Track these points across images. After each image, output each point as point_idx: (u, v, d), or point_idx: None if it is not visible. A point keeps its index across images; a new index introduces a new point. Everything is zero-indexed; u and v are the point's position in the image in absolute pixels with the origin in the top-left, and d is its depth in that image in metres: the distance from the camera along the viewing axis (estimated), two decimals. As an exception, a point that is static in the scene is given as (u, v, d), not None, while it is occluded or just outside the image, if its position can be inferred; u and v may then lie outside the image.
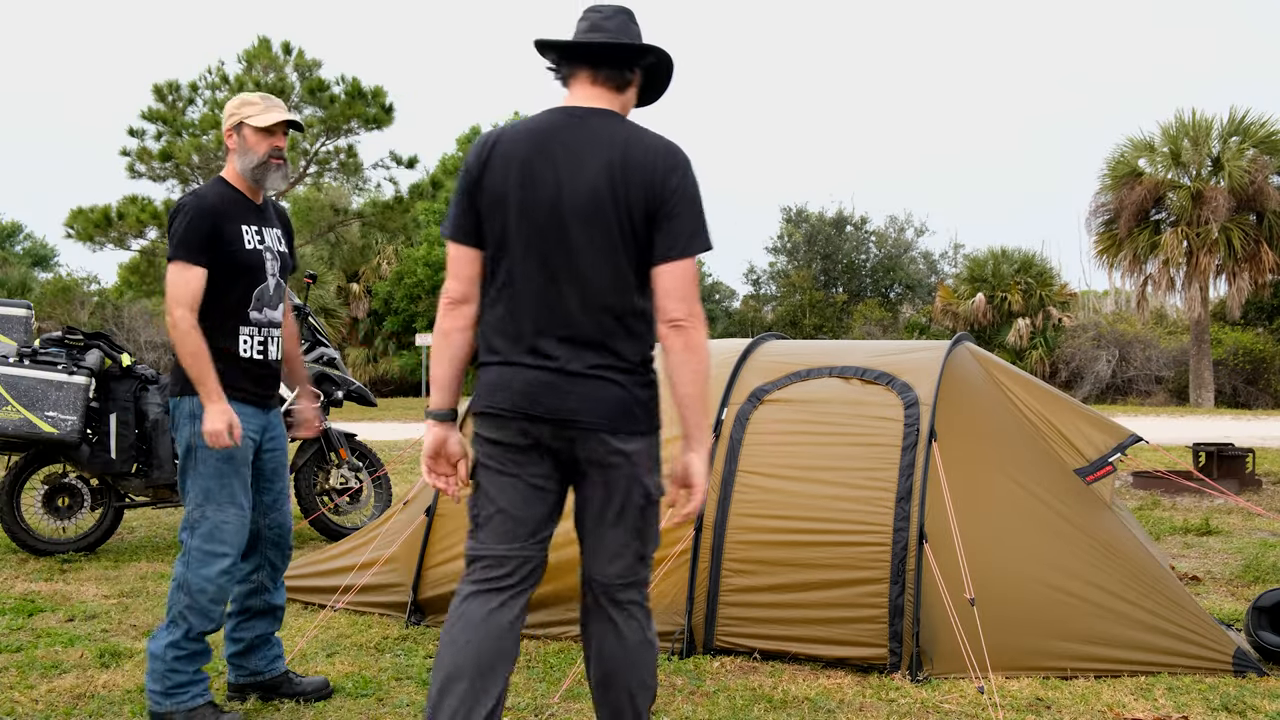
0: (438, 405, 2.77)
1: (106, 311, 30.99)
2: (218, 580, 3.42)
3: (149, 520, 7.87)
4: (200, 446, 3.40)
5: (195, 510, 3.42)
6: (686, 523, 4.30)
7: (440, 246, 31.99)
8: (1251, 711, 3.58)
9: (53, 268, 43.74)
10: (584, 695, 3.74)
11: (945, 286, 31.01)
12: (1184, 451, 11.42)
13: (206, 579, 3.40)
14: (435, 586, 4.70)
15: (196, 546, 3.41)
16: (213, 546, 3.41)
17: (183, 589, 3.41)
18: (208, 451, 3.39)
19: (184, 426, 3.44)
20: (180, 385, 3.45)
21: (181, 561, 3.44)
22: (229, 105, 3.60)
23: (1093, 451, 4.69)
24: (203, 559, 3.40)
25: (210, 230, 3.43)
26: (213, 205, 3.47)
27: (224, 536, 3.42)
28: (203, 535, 3.41)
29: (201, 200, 3.48)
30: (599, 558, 2.79)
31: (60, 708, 3.65)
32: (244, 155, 3.55)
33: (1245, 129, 24.16)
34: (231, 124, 3.55)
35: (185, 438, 3.43)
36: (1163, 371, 28.12)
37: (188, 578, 3.40)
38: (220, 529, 3.41)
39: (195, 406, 3.40)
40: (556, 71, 2.78)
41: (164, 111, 23.78)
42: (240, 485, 3.46)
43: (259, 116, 3.54)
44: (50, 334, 6.42)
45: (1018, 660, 3.90)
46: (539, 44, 2.77)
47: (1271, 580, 5.61)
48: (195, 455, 3.42)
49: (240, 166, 3.56)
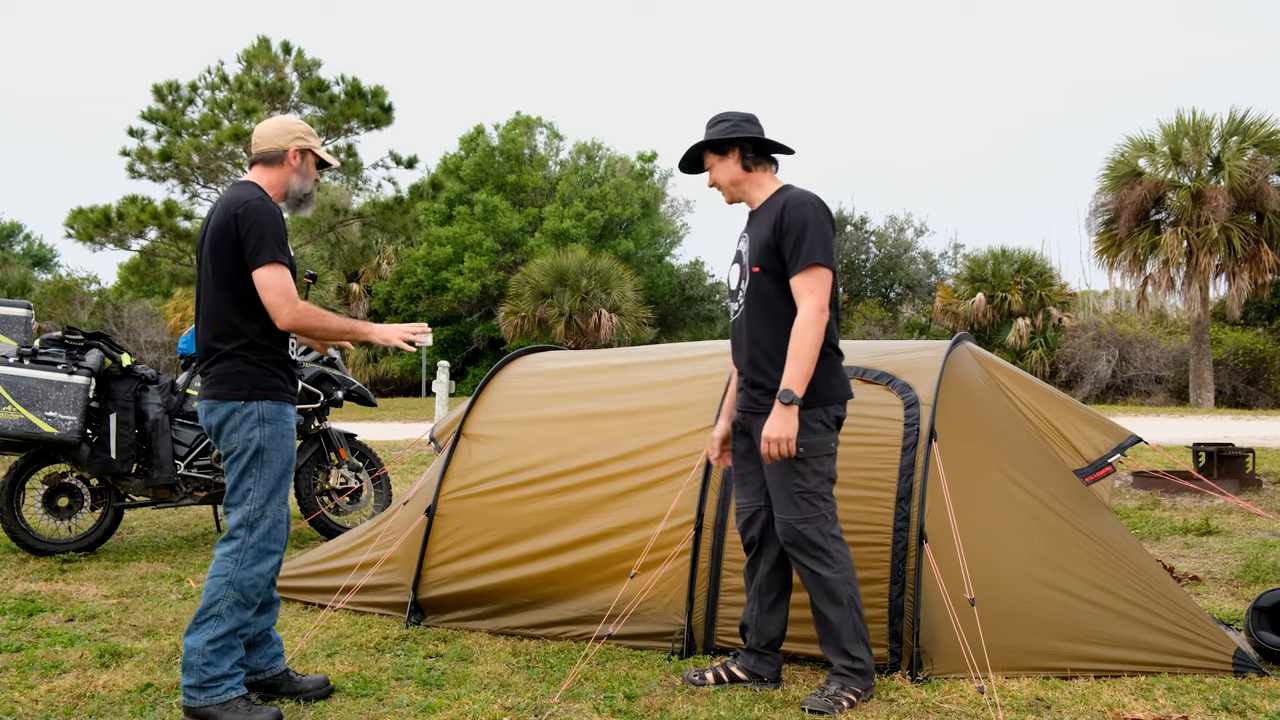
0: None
1: (106, 311, 31.02)
2: (268, 576, 3.57)
3: (149, 520, 7.87)
4: (270, 450, 3.55)
5: (257, 510, 3.54)
6: (686, 523, 4.32)
7: (440, 246, 32.02)
8: (1251, 711, 3.58)
9: (53, 268, 43.75)
10: (584, 695, 3.74)
11: (945, 286, 31.00)
12: (1184, 452, 11.42)
13: (260, 575, 3.54)
14: (435, 587, 4.70)
15: (254, 544, 3.53)
16: (268, 544, 3.56)
17: (232, 585, 3.49)
18: (277, 455, 3.56)
19: (253, 429, 3.54)
20: (248, 390, 3.55)
21: (233, 559, 3.52)
22: (295, 125, 3.74)
23: (1092, 452, 4.69)
24: (257, 556, 3.54)
25: (284, 233, 3.60)
26: (278, 211, 3.65)
27: (279, 534, 3.59)
28: (262, 533, 3.55)
29: (272, 205, 3.61)
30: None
31: (60, 708, 3.65)
32: (303, 179, 3.77)
33: (1245, 129, 24.14)
34: (300, 146, 3.72)
35: (256, 440, 3.54)
36: (1163, 371, 28.12)
37: (240, 575, 3.50)
38: (277, 527, 3.58)
39: (266, 411, 3.55)
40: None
41: (164, 111, 23.78)
42: (289, 485, 3.64)
43: (323, 151, 3.81)
44: (50, 334, 6.42)
45: (1018, 660, 3.90)
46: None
47: (1271, 580, 5.60)
48: (264, 457, 3.55)
49: (295, 186, 3.75)
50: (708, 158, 3.91)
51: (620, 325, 27.54)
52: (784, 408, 3.56)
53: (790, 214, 3.69)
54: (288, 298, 3.50)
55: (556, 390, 5.14)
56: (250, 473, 3.55)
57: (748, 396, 3.82)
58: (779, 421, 3.56)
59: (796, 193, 3.77)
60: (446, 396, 16.49)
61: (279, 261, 3.50)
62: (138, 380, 6.44)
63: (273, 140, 3.70)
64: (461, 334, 33.46)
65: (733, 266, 3.96)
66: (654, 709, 3.62)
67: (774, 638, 3.87)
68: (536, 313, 27.73)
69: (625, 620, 4.22)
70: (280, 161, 3.69)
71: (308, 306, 3.54)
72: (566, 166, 35.44)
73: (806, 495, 3.66)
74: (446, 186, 31.77)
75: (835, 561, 3.67)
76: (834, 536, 3.70)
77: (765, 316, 3.75)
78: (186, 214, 23.76)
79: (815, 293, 3.62)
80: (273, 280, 3.48)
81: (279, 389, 3.58)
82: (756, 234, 3.81)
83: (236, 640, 3.52)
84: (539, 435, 4.87)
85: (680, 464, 4.46)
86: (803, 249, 3.64)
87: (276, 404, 3.57)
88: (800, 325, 3.59)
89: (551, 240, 31.95)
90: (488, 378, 5.35)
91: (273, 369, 3.58)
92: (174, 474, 6.46)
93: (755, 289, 3.77)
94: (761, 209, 3.85)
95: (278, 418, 3.56)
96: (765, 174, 3.88)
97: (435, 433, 5.53)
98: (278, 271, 3.49)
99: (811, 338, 3.58)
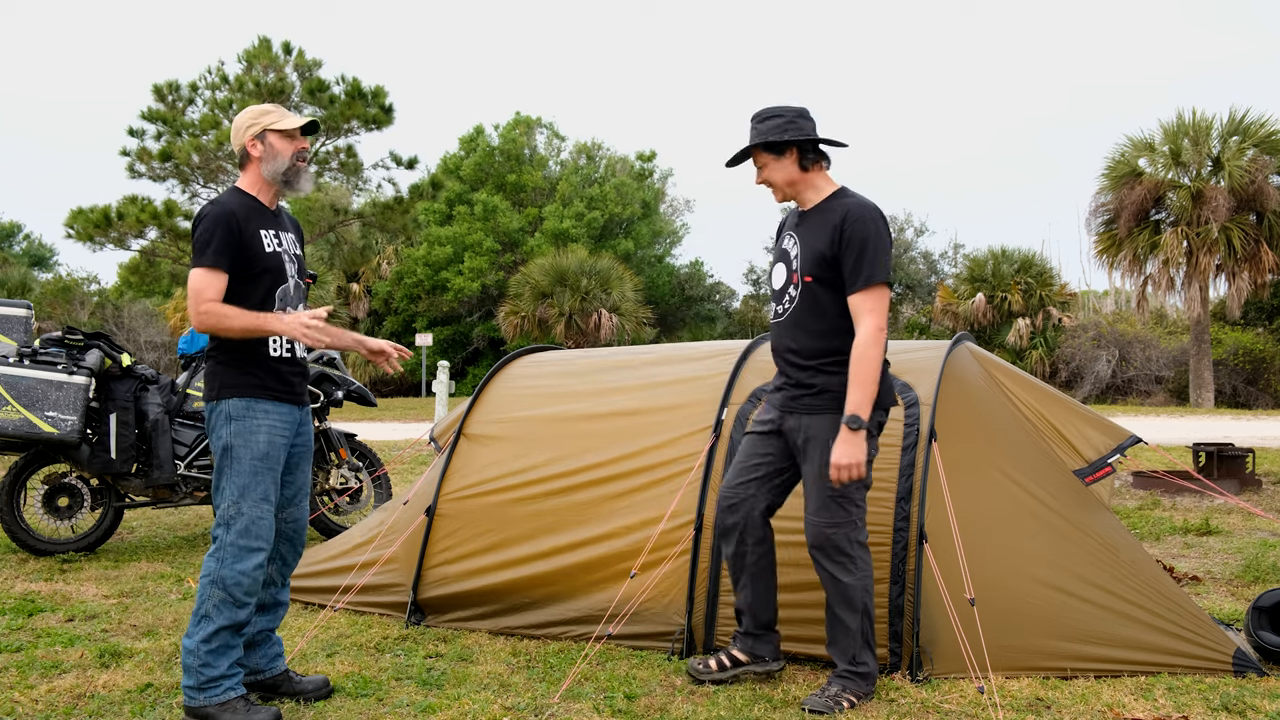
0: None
1: (106, 311, 31.02)
2: (253, 574, 3.52)
3: (149, 520, 7.87)
4: (237, 446, 3.53)
5: (231, 507, 3.53)
6: (686, 523, 4.32)
7: (440, 246, 32.02)
8: (1251, 711, 3.58)
9: (52, 268, 43.74)
10: (584, 695, 3.74)
11: (945, 286, 31.00)
12: (1184, 452, 11.42)
13: (242, 573, 3.50)
14: (435, 586, 4.70)
15: (232, 541, 3.51)
16: (248, 541, 3.52)
17: (216, 584, 3.49)
18: (244, 450, 3.53)
19: (222, 427, 3.56)
20: (217, 389, 3.58)
21: (215, 558, 3.52)
22: (246, 117, 3.71)
23: (1092, 452, 4.69)
24: (238, 554, 3.51)
25: (230, 235, 3.54)
26: (233, 211, 3.58)
27: (259, 531, 3.54)
28: (238, 531, 3.52)
29: (222, 208, 3.59)
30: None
31: (60, 708, 3.65)
32: (272, 161, 3.67)
33: (1245, 129, 24.13)
34: (254, 133, 3.67)
35: (224, 438, 3.55)
36: (1163, 371, 28.11)
37: (222, 573, 3.49)
38: (255, 524, 3.53)
39: (233, 409, 3.55)
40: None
41: (164, 111, 23.79)
42: (271, 482, 3.59)
43: (282, 121, 3.68)
44: (50, 334, 6.42)
45: (1018, 660, 3.90)
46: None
47: (1271, 580, 5.60)
48: (232, 454, 3.54)
49: (268, 172, 3.68)
50: (759, 156, 3.80)
51: (620, 325, 27.54)
52: (852, 433, 3.56)
53: (852, 227, 3.63)
54: (196, 299, 3.49)
55: (557, 390, 5.13)
56: (223, 470, 3.56)
57: (787, 396, 3.81)
58: (849, 447, 3.56)
59: (857, 202, 3.71)
60: (446, 396, 16.49)
61: (203, 265, 3.50)
62: (138, 380, 6.44)
63: (234, 144, 3.75)
64: (461, 334, 33.46)
65: (776, 265, 3.89)
66: (654, 709, 3.62)
67: (769, 619, 3.90)
68: (536, 313, 27.72)
69: (625, 620, 4.22)
70: (247, 159, 3.70)
71: (210, 308, 3.48)
72: (566, 166, 35.44)
73: (840, 500, 3.67)
74: (446, 186, 31.77)
75: (857, 568, 3.68)
76: (859, 543, 3.71)
77: (812, 324, 3.73)
78: (186, 214, 23.77)
79: (876, 311, 3.60)
80: (192, 283, 3.54)
81: (248, 385, 3.57)
82: (810, 240, 3.74)
83: (234, 640, 3.51)
84: (539, 435, 4.87)
85: (680, 464, 4.46)
86: (864, 267, 3.61)
87: (244, 400, 3.56)
88: (862, 346, 3.58)
89: (551, 240, 31.94)
90: (488, 378, 5.35)
91: (244, 367, 3.57)
92: (174, 474, 6.46)
93: (807, 296, 3.73)
94: (815, 212, 3.78)
95: (245, 414, 3.55)
96: (820, 174, 3.81)
97: (435, 433, 5.53)
98: (198, 274, 3.52)
99: (874, 358, 3.58)
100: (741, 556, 3.86)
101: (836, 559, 3.67)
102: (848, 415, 3.57)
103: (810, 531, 3.72)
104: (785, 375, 3.83)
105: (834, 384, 3.68)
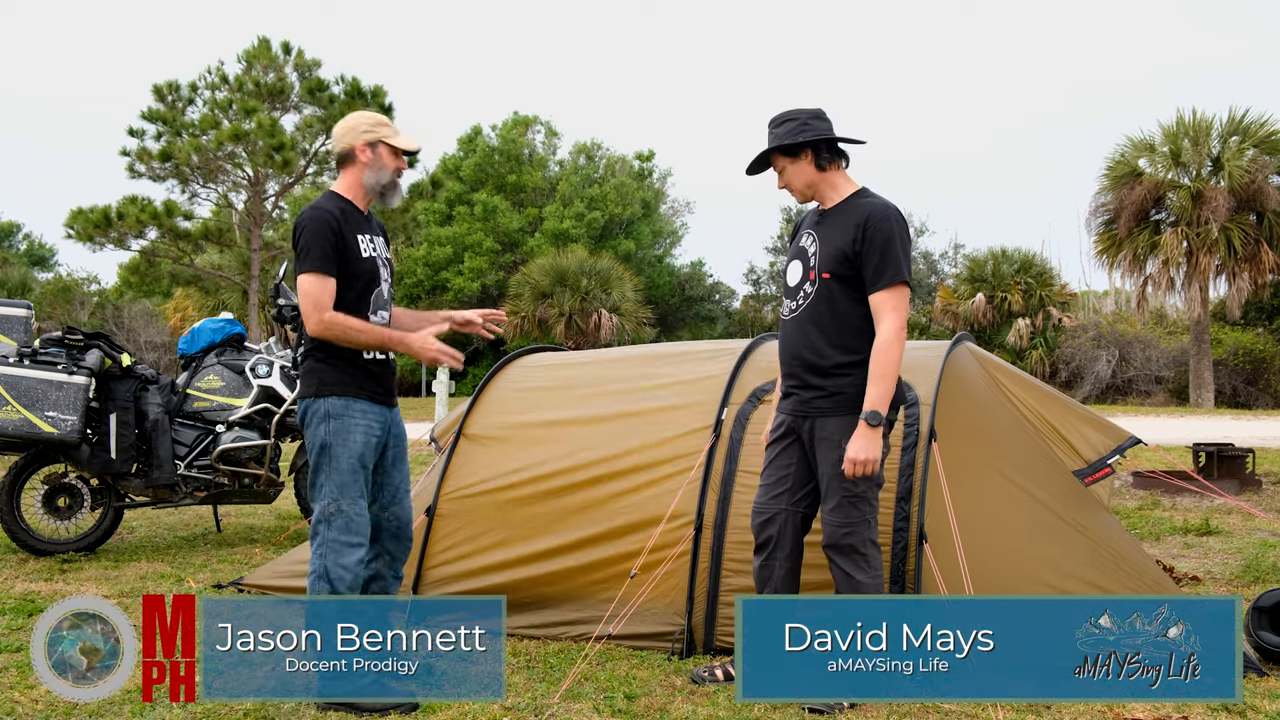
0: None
1: (106, 311, 30.99)
2: (354, 569, 3.64)
3: (149, 520, 7.87)
4: (335, 445, 3.63)
5: (331, 504, 3.64)
6: (686, 523, 4.32)
7: (440, 246, 32.02)
8: (1251, 711, 3.58)
9: (52, 268, 43.73)
10: (584, 695, 3.74)
11: (945, 287, 31.01)
12: (1184, 452, 11.42)
13: (345, 567, 3.61)
14: (435, 586, 4.70)
15: (334, 538, 3.61)
16: (348, 537, 3.63)
17: (324, 579, 3.59)
18: (341, 450, 3.63)
19: (320, 425, 3.65)
20: (315, 387, 3.67)
21: (319, 554, 3.62)
22: (362, 121, 3.76)
23: (1091, 453, 4.69)
24: (340, 549, 3.61)
25: (334, 239, 3.61)
26: (333, 215, 3.65)
27: (358, 528, 3.65)
28: (339, 527, 3.62)
29: (322, 212, 3.65)
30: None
31: (60, 708, 3.65)
32: (376, 171, 3.75)
33: (1245, 129, 24.13)
34: (368, 139, 3.73)
35: (321, 435, 3.65)
36: (1163, 372, 28.11)
37: (328, 567, 3.59)
38: (354, 521, 3.65)
39: (332, 407, 3.64)
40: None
41: (164, 111, 23.77)
42: (366, 480, 3.70)
43: (397, 138, 3.77)
44: (50, 334, 6.42)
45: (1018, 660, 3.89)
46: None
47: (1271, 580, 5.60)
48: (331, 453, 3.64)
49: (370, 180, 3.75)
50: (777, 160, 3.82)
51: (620, 325, 27.54)
52: (870, 429, 3.57)
53: (875, 226, 3.65)
54: (316, 307, 3.58)
55: (557, 390, 5.14)
56: (320, 468, 3.65)
57: (798, 400, 3.80)
58: (865, 443, 3.57)
59: (878, 203, 3.73)
60: (446, 397, 16.47)
61: (316, 271, 3.58)
62: (138, 380, 6.44)
63: (341, 140, 3.78)
64: (461, 334, 33.38)
65: (793, 262, 3.88)
66: (654, 709, 3.62)
67: None
68: (536, 313, 27.73)
69: (625, 620, 4.22)
70: (351, 160, 3.75)
71: (334, 318, 3.58)
72: (566, 166, 35.43)
73: (855, 500, 3.67)
74: (446, 186, 31.77)
75: (871, 566, 3.69)
76: (872, 542, 3.71)
77: (828, 322, 3.73)
78: (186, 214, 23.79)
79: (897, 310, 3.62)
80: (306, 288, 3.60)
81: (347, 385, 3.65)
82: (830, 238, 3.74)
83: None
84: (539, 435, 4.87)
85: (680, 464, 4.46)
86: (887, 266, 3.63)
87: (343, 399, 3.64)
88: (883, 344, 3.60)
89: (551, 240, 31.94)
90: (488, 378, 5.35)
91: (342, 366, 3.66)
92: (174, 474, 6.46)
93: (823, 294, 3.73)
94: (835, 211, 3.79)
95: (343, 413, 3.64)
96: (838, 173, 3.82)
97: (435, 433, 5.53)
98: (312, 280, 3.59)
99: (895, 356, 3.60)
100: (770, 569, 3.86)
101: (852, 558, 3.68)
102: (867, 411, 3.58)
103: (826, 531, 3.72)
104: (794, 378, 3.82)
105: (845, 385, 3.69)
